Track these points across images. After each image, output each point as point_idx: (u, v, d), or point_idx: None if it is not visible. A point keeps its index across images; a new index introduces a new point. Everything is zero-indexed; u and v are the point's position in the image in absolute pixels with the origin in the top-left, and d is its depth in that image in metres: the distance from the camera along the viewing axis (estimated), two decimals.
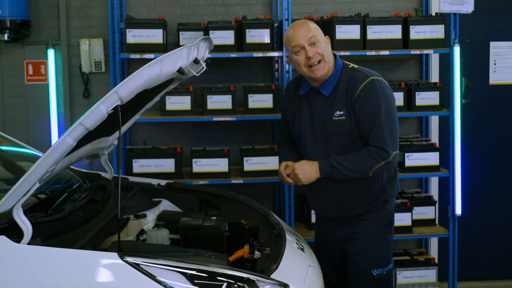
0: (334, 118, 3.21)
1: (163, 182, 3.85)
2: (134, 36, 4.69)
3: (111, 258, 2.46)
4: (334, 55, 3.32)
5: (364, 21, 4.78)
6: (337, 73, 3.25)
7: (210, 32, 4.70)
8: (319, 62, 3.19)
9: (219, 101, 4.75)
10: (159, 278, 2.42)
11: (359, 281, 3.35)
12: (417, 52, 4.83)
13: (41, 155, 3.47)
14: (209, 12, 5.24)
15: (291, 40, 3.21)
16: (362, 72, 3.23)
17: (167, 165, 4.71)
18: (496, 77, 5.48)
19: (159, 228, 3.21)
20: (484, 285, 5.56)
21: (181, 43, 4.74)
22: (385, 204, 3.33)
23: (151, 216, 3.47)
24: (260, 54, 4.76)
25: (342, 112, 3.20)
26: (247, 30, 4.74)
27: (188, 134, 5.28)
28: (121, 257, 2.44)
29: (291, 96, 3.43)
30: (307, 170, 3.20)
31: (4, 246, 2.42)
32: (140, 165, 4.70)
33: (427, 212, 4.99)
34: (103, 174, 3.69)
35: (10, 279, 2.38)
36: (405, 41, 4.83)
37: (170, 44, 5.01)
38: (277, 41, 4.99)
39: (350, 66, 3.28)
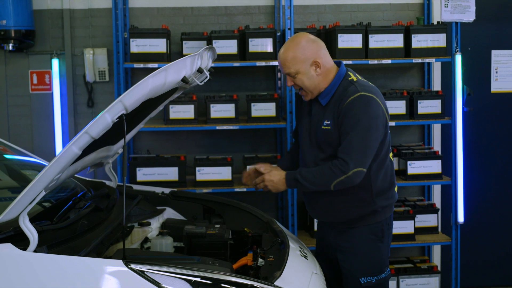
0: (322, 127, 3.26)
1: (167, 191, 3.86)
2: (137, 45, 4.72)
3: (116, 266, 2.47)
4: (339, 63, 3.34)
5: (366, 30, 4.80)
6: (336, 84, 3.26)
7: (213, 41, 4.73)
8: (301, 89, 3.28)
9: (222, 110, 4.78)
10: (164, 285, 2.43)
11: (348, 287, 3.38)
12: (419, 60, 4.84)
13: (45, 164, 3.50)
14: (212, 22, 5.27)
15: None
16: (356, 86, 3.22)
17: (171, 173, 4.73)
18: (498, 85, 5.50)
19: (163, 236, 3.22)
20: None
21: (184, 53, 4.78)
22: (375, 213, 3.32)
23: (155, 224, 3.48)
24: (263, 63, 4.78)
25: (329, 122, 3.23)
26: (250, 39, 4.77)
27: (191, 143, 5.30)
28: (126, 264, 2.46)
29: (300, 100, 3.49)
30: (275, 181, 3.29)
31: (11, 254, 2.44)
32: (143, 173, 4.73)
33: (430, 220, 5.00)
34: (107, 182, 3.71)
35: (16, 286, 2.40)
36: (407, 49, 4.86)
37: (173, 54, 5.04)
38: None
39: (350, 79, 3.27)
